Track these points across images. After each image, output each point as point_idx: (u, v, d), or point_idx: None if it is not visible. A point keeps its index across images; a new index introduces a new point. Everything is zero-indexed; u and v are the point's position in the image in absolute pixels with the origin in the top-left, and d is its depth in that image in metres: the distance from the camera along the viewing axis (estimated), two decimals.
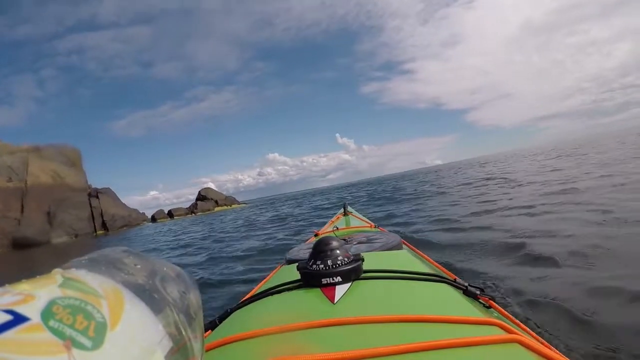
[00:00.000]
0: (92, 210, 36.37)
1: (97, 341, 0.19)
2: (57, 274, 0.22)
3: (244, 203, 58.50)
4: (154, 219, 46.77)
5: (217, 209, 51.24)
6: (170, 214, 49.16)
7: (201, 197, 54.51)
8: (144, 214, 45.92)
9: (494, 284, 1.96)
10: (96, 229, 35.83)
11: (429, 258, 1.27)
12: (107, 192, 41.08)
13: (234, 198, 58.07)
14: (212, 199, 53.86)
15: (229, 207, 51.91)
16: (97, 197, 38.32)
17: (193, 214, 48.12)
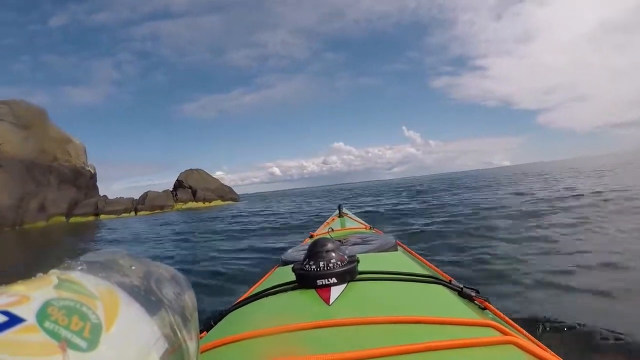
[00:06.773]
0: None
1: (93, 342, 0.19)
2: (53, 275, 0.22)
3: (233, 200, 38.75)
4: (68, 215, 29.44)
5: (190, 204, 34.32)
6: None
7: (177, 184, 37.71)
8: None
9: None
10: None
11: (424, 260, 1.27)
12: (11, 166, 24.28)
13: (230, 189, 40.16)
14: (190, 187, 36.85)
15: (207, 203, 35.26)
16: None
17: (134, 213, 32.37)
